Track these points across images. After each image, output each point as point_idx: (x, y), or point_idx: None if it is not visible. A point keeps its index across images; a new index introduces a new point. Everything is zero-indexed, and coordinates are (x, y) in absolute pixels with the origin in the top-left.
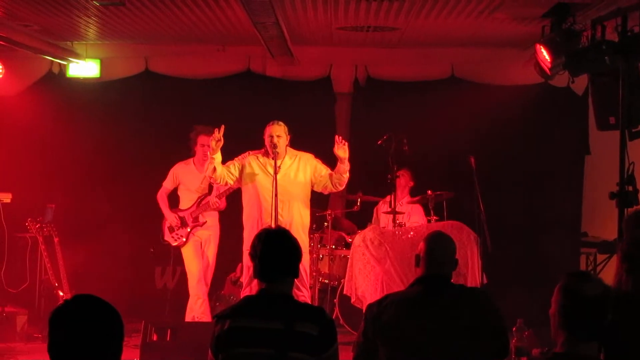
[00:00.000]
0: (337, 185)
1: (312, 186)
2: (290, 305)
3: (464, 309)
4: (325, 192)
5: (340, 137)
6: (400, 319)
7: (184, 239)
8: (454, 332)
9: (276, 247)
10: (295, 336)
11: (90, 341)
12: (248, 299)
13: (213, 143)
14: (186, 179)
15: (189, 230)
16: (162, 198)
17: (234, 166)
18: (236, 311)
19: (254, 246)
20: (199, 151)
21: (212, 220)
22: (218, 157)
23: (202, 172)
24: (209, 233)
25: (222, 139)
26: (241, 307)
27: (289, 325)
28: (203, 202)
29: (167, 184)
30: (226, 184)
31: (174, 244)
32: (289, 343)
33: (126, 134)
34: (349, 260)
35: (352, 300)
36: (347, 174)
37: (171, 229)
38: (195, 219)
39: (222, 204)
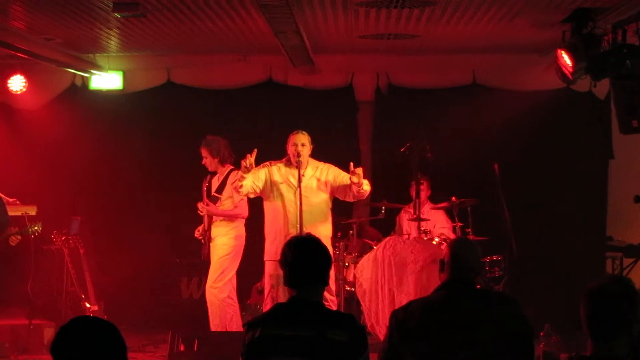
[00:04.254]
0: (357, 196)
1: (334, 194)
2: (321, 312)
3: (489, 314)
4: (349, 200)
5: (353, 164)
6: (425, 324)
7: None
8: (480, 336)
9: (306, 254)
10: (326, 343)
11: None
12: (279, 306)
13: (244, 168)
14: None
15: None
16: None
17: (257, 177)
18: (267, 319)
19: (284, 254)
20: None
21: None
22: (248, 178)
23: None
24: None
25: (253, 164)
26: (272, 314)
27: (320, 333)
28: None
29: None
30: (247, 194)
31: None
32: (320, 350)
33: (149, 145)
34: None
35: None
36: (365, 188)
37: None
38: None
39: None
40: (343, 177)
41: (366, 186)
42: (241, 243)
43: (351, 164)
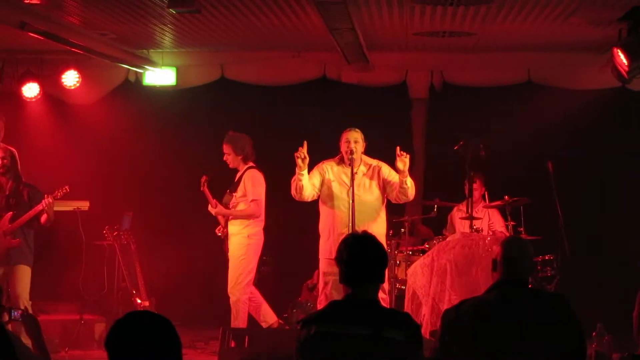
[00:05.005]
0: (400, 196)
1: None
2: (377, 310)
3: (542, 314)
4: (391, 200)
5: (400, 149)
6: (478, 324)
7: None
8: (532, 336)
9: (363, 252)
10: (382, 342)
11: (148, 356)
12: (334, 304)
13: (299, 161)
14: None
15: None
16: None
17: (315, 180)
18: (322, 316)
19: (340, 251)
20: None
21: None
22: (306, 175)
23: None
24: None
25: (307, 155)
26: (327, 312)
27: (376, 331)
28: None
29: None
30: (312, 199)
31: None
32: (376, 349)
33: (203, 141)
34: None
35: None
36: (410, 187)
37: None
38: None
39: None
40: (393, 175)
41: (410, 183)
42: (257, 242)
43: (397, 148)
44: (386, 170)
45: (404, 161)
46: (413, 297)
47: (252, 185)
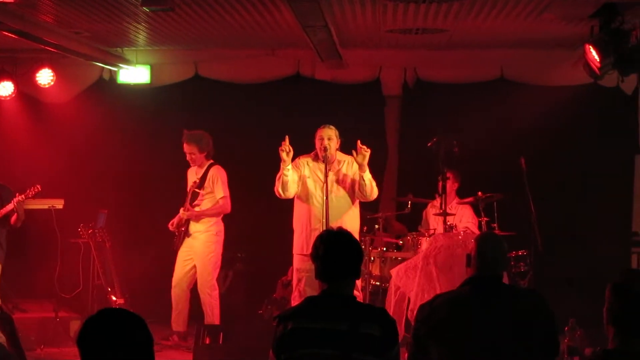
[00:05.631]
0: (358, 192)
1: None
2: (353, 306)
3: (515, 309)
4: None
5: (360, 142)
6: (451, 319)
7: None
8: (505, 331)
9: (338, 248)
10: (358, 337)
11: (120, 353)
12: (310, 300)
13: (284, 154)
14: None
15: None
16: None
17: (296, 175)
18: (299, 312)
19: (315, 247)
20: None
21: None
22: (291, 171)
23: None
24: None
25: (291, 148)
26: (304, 308)
27: (353, 326)
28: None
29: None
30: (294, 196)
31: None
32: (352, 344)
33: (177, 139)
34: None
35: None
36: (368, 183)
37: None
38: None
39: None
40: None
41: (368, 179)
42: (222, 238)
43: (358, 141)
44: (356, 166)
45: (363, 154)
46: (402, 298)
47: (221, 182)
